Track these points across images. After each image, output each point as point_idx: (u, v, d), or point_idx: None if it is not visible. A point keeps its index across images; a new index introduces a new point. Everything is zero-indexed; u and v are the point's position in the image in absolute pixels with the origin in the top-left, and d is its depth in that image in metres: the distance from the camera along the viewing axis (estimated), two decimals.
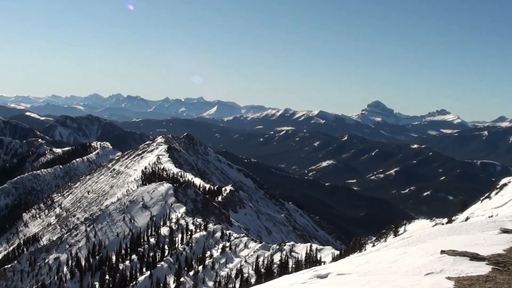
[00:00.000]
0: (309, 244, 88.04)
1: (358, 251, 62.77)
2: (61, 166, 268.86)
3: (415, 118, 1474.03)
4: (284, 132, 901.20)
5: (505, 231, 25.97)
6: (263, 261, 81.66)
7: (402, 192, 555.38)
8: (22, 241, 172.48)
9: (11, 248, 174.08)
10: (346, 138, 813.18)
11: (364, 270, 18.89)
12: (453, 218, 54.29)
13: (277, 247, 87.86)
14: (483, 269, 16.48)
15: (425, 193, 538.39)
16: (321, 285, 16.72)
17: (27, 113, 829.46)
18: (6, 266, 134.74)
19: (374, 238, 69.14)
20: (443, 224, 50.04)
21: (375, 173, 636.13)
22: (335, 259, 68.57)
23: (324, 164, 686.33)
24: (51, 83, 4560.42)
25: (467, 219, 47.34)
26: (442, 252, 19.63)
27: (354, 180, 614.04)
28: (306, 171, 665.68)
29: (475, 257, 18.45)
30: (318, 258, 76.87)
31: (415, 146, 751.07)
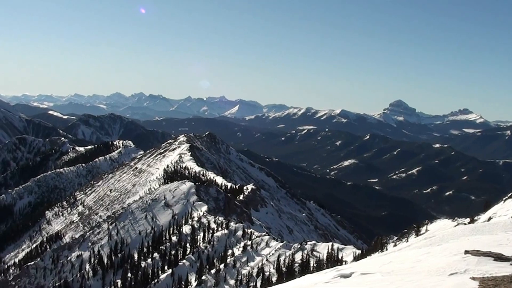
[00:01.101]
0: (330, 243, 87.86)
1: (379, 250, 62.49)
2: (83, 164, 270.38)
3: (438, 118, 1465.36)
4: (305, 131, 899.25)
5: None
6: (284, 260, 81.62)
7: (424, 191, 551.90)
8: (45, 239, 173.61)
9: (34, 245, 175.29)
10: (368, 137, 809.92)
11: (388, 269, 18.86)
12: (475, 218, 53.81)
13: (299, 246, 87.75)
14: (508, 269, 16.39)
15: (447, 193, 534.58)
16: (345, 285, 16.72)
17: (50, 112, 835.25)
18: (29, 263, 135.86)
19: (395, 238, 68.73)
20: (465, 224, 49.68)
21: (397, 172, 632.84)
22: (356, 258, 68.33)
23: (346, 163, 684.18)
24: (74, 82, 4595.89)
25: (489, 219, 46.91)
26: (466, 252, 19.55)
27: (376, 180, 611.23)
28: (327, 170, 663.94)
29: (499, 257, 18.35)
30: (340, 257, 76.67)
31: (437, 145, 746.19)
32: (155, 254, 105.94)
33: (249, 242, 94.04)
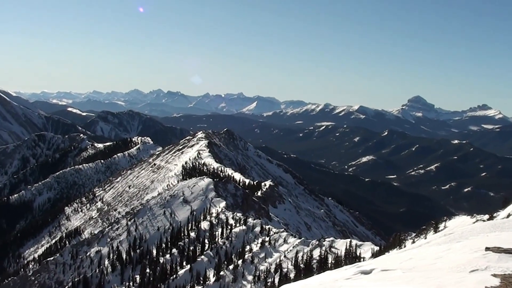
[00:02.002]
0: (348, 240, 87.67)
1: (398, 247, 62.30)
2: (102, 161, 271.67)
3: (456, 113, 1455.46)
4: (323, 127, 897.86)
5: None
6: (302, 257, 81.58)
7: (443, 188, 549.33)
8: (64, 235, 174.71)
9: (54, 241, 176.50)
10: (386, 133, 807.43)
11: (408, 266, 18.83)
12: (494, 214, 53.43)
13: (317, 243, 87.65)
14: None
15: (466, 189, 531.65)
16: (366, 281, 16.71)
17: (69, 109, 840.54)
18: (48, 259, 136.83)
19: (414, 234, 68.40)
20: (484, 220, 49.40)
21: (415, 168, 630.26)
22: (374, 255, 68.19)
23: (364, 159, 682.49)
24: (92, 79, 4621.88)
25: (508, 215, 46.57)
26: (487, 249, 19.48)
27: (394, 176, 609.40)
28: (346, 166, 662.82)
29: None
30: (358, 254, 76.52)
31: (456, 141, 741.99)
32: (174, 250, 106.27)
33: (267, 239, 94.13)
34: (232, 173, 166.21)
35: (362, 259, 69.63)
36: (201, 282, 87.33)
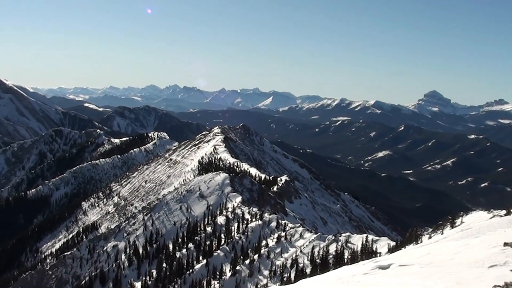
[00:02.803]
0: (365, 235, 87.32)
1: (414, 242, 62.00)
2: (119, 156, 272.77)
3: (473, 108, 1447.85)
4: (340, 122, 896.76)
5: None
6: (318, 252, 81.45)
7: (459, 183, 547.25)
8: (81, 229, 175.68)
9: (71, 235, 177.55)
10: (402, 128, 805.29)
11: (426, 261, 18.76)
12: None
13: (333, 238, 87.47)
14: None
15: (483, 184, 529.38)
16: (384, 276, 16.66)
17: (86, 104, 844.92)
18: (65, 253, 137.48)
19: (430, 230, 67.99)
20: (501, 216, 49.04)
21: (431, 163, 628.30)
22: (391, 250, 67.94)
23: (380, 154, 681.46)
24: (109, 75, 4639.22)
25: None
26: (505, 244, 19.37)
27: (411, 171, 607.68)
28: (362, 161, 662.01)
29: None
30: (374, 249, 76.23)
31: (473, 136, 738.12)
32: (190, 245, 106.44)
33: (283, 234, 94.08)
34: (248, 168, 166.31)
35: (378, 254, 69.41)
36: (217, 276, 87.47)
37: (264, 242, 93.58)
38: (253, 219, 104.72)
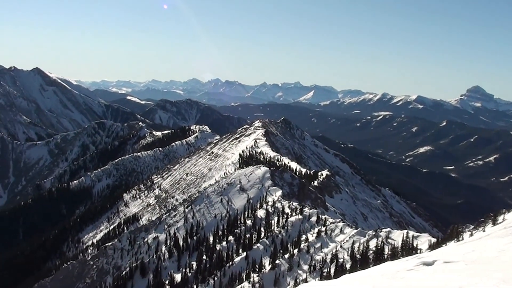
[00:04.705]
0: (405, 231, 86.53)
1: (455, 239, 61.31)
2: (160, 148, 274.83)
3: None
4: (381, 117, 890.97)
5: None
6: (358, 247, 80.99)
7: (502, 180, 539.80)
8: (122, 220, 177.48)
9: (112, 227, 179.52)
10: (444, 123, 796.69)
11: (471, 258, 18.53)
12: None
13: (373, 233, 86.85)
14: None
15: None
16: (429, 273, 16.52)
17: (128, 97, 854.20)
18: (107, 244, 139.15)
19: (472, 227, 67.12)
20: None
21: (473, 160, 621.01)
22: (432, 247, 67.25)
23: (422, 150, 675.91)
24: (151, 68, 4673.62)
25: None
26: None
27: (452, 167, 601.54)
28: (403, 157, 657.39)
29: None
30: (415, 245, 75.50)
31: None
32: (230, 237, 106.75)
33: (323, 228, 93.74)
34: (288, 162, 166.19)
35: (419, 251, 68.84)
36: (257, 269, 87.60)
37: (304, 237, 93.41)
38: (293, 214, 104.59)
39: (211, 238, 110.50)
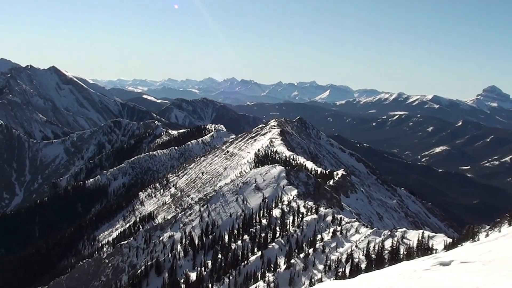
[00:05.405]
0: (421, 231, 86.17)
1: (471, 239, 61.10)
2: (176, 147, 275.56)
3: None
4: (397, 116, 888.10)
5: None
6: (374, 247, 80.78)
7: None
8: (138, 219, 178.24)
9: (127, 225, 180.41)
10: (460, 123, 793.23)
11: (488, 259, 18.51)
12: None
13: (389, 233, 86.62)
14: None
15: None
16: (445, 273, 16.53)
17: (144, 96, 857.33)
18: (122, 242, 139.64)
19: (487, 227, 66.82)
20: None
21: (489, 160, 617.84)
22: (447, 247, 67.05)
23: (438, 150, 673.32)
24: (167, 67, 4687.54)
25: None
26: None
27: (468, 167, 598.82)
28: (419, 156, 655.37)
29: None
30: (430, 245, 75.22)
31: None
32: (245, 236, 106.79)
33: (338, 228, 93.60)
34: (304, 162, 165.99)
35: (434, 251, 68.66)
36: (272, 269, 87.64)
37: (319, 236, 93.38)
38: (309, 213, 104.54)
39: (226, 237, 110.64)
